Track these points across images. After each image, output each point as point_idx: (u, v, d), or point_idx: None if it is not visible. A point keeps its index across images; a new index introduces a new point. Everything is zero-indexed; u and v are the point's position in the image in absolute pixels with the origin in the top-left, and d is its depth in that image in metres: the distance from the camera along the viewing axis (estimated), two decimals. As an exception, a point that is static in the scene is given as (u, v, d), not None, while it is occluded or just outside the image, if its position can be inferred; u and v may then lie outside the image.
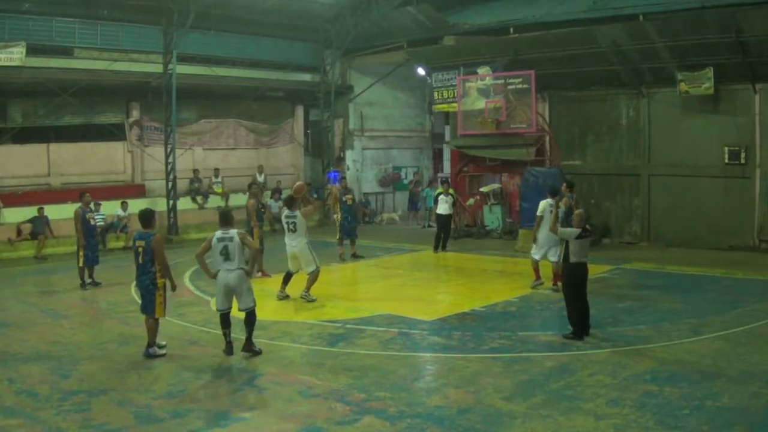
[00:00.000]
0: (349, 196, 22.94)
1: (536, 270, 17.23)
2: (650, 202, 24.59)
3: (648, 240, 24.59)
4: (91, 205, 19.79)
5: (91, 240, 18.67)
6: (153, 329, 12.09)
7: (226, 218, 12.27)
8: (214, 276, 12.00)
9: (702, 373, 10.57)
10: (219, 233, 11.98)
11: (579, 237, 12.67)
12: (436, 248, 23.37)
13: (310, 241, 16.36)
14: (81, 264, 18.48)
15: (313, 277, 16.18)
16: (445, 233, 23.58)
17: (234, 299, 12.03)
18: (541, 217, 16.71)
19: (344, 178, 25.70)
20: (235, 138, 32.04)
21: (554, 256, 16.43)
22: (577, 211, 13.63)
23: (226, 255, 11.88)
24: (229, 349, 11.92)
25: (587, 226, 12.97)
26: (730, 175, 22.74)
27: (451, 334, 13.30)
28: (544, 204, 16.74)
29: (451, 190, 24.12)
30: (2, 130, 25.97)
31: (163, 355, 11.99)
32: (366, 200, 34.32)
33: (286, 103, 34.22)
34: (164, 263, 12.04)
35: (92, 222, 19.03)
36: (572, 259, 12.70)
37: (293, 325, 14.11)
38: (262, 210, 20.77)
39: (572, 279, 12.79)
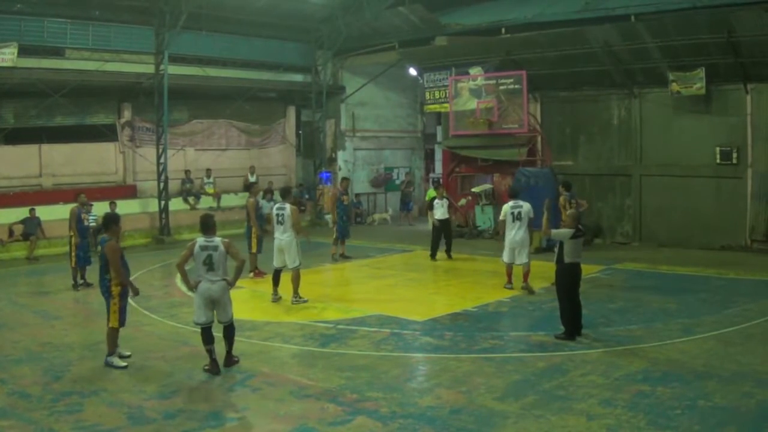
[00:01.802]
0: (346, 197, 22.89)
1: (509, 274, 17.23)
2: (642, 203, 24.65)
3: (640, 240, 24.65)
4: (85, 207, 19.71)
5: (84, 240, 18.62)
6: (110, 337, 11.65)
7: (208, 224, 11.43)
8: (195, 287, 11.17)
9: (694, 373, 10.60)
10: (202, 241, 11.18)
11: (573, 237, 12.61)
12: (433, 256, 22.25)
13: (297, 237, 16.18)
14: (73, 264, 18.46)
15: (296, 276, 16.05)
16: (447, 239, 22.35)
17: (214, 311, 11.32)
18: (504, 221, 16.96)
19: (346, 178, 25.40)
20: (227, 138, 31.94)
21: (523, 258, 16.81)
22: (569, 211, 13.65)
23: (209, 265, 11.06)
24: (215, 368, 11.08)
25: (580, 226, 12.92)
26: (722, 175, 22.81)
27: (444, 335, 13.31)
28: (506, 208, 16.98)
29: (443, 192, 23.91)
30: (-6, 130, 25.91)
31: (124, 367, 11.43)
32: (357, 201, 34.28)
33: (277, 103, 34.17)
34: (117, 269, 11.48)
35: (86, 222, 19.00)
36: (566, 259, 12.63)
37: (285, 326, 14.10)
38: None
39: (566, 279, 12.73)
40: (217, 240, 11.21)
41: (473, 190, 27.80)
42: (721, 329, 13.10)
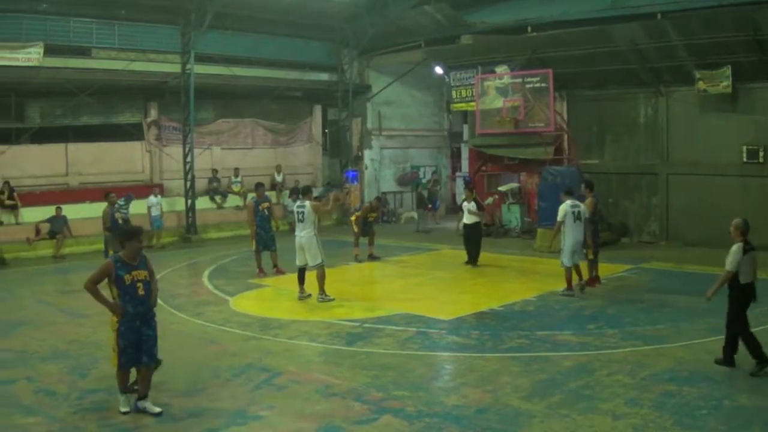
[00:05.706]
0: (373, 215, 22.64)
1: (569, 280, 16.25)
2: (669, 201, 24.46)
3: (666, 239, 24.47)
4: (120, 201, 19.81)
5: None
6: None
7: None
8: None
9: (720, 372, 10.53)
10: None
11: (745, 252, 10.87)
12: (468, 261, 20.98)
13: (317, 235, 16.07)
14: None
15: (320, 274, 15.96)
16: (471, 247, 21.07)
17: None
18: (562, 222, 16.07)
19: (378, 198, 25.55)
20: (253, 137, 32.05)
21: (581, 257, 16.40)
22: (735, 221, 11.78)
23: None
24: None
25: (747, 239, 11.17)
26: (749, 174, 22.58)
27: (470, 334, 13.29)
28: (564, 208, 16.10)
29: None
30: (20, 130, 26.07)
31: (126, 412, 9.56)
32: (384, 199, 34.15)
33: (303, 102, 34.25)
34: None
35: (120, 221, 19.07)
36: (741, 280, 10.76)
37: (311, 324, 14.13)
38: (265, 209, 19.96)
39: (744, 302, 10.89)
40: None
41: (500, 188, 27.75)
42: (749, 329, 13.00)
